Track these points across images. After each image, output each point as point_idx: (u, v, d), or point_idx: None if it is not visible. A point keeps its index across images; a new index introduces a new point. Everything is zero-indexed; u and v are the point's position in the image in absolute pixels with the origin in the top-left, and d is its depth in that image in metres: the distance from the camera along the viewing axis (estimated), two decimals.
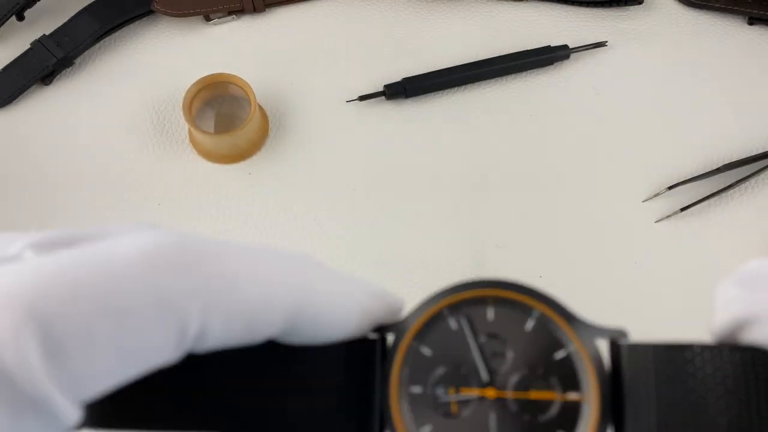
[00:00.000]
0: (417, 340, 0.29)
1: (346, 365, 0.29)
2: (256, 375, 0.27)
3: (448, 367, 0.29)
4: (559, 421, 0.28)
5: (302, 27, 0.57)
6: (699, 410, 0.27)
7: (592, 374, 0.28)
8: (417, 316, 0.29)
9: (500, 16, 0.57)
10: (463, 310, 0.29)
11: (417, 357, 0.29)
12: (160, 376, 0.23)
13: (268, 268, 0.20)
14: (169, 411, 0.27)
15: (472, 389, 0.28)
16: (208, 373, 0.26)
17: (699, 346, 0.27)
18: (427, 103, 0.54)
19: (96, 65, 0.56)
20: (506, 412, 0.28)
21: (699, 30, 0.56)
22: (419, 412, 0.29)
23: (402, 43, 0.56)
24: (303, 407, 0.28)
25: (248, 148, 0.53)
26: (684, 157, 0.52)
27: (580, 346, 0.28)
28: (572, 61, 0.55)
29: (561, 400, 0.28)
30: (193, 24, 0.57)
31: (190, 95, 0.51)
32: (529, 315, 0.29)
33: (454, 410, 0.28)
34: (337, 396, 0.29)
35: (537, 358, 0.28)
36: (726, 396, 0.26)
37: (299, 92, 0.55)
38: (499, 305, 0.29)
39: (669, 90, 0.54)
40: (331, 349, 0.28)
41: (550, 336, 0.28)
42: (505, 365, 0.28)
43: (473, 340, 0.29)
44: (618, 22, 0.56)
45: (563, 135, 0.53)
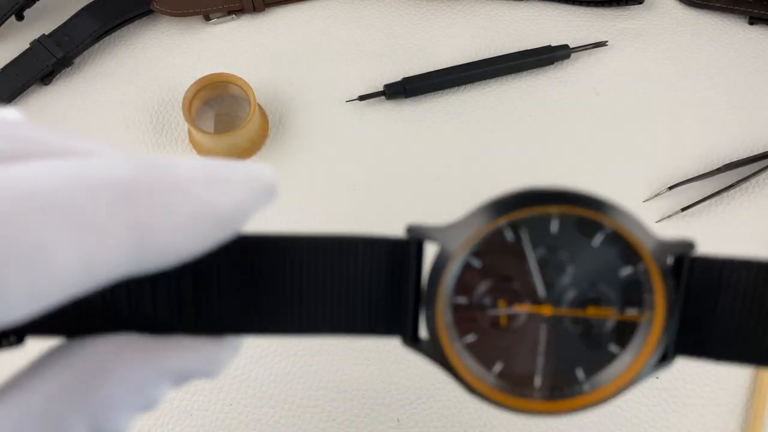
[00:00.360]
0: (467, 251, 0.27)
1: (382, 267, 0.27)
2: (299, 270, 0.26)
3: (499, 279, 0.27)
4: (616, 335, 0.27)
5: (302, 26, 0.56)
6: (743, 318, 0.25)
7: (659, 291, 0.26)
8: (470, 230, 0.26)
9: (500, 15, 0.57)
10: (523, 221, 0.26)
11: (466, 267, 0.27)
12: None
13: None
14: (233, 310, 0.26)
15: (525, 305, 0.27)
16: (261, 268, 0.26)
17: (762, 265, 0.25)
18: (427, 103, 0.54)
19: (95, 65, 0.55)
20: (559, 326, 0.27)
21: (699, 30, 0.56)
22: (464, 322, 0.27)
23: (402, 43, 0.56)
24: (339, 302, 0.27)
25: (248, 148, 0.52)
26: (684, 157, 0.52)
27: (651, 263, 0.26)
28: (572, 61, 0.55)
29: (618, 318, 0.27)
30: (192, 24, 0.56)
31: (190, 95, 0.51)
32: (598, 230, 0.26)
33: (503, 322, 0.27)
34: (372, 296, 0.27)
35: (600, 275, 0.26)
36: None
37: (299, 92, 0.54)
38: (566, 218, 0.26)
39: (669, 90, 0.54)
40: (373, 248, 0.26)
41: (618, 252, 0.26)
42: (563, 280, 0.27)
43: (531, 253, 0.26)
44: (618, 21, 0.56)
45: (563, 135, 0.53)
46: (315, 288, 0.27)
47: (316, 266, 0.27)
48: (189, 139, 0.53)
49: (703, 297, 0.26)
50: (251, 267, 0.26)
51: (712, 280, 0.26)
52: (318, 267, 0.27)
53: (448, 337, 0.27)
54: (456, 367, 0.27)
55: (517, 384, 0.27)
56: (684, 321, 0.27)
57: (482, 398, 0.27)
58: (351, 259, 0.27)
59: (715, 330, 0.26)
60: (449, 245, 0.26)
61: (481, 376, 0.27)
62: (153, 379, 0.23)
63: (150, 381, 0.23)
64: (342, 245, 0.27)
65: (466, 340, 0.27)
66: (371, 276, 0.27)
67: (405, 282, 0.27)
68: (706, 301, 0.26)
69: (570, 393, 0.27)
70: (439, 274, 0.26)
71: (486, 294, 0.27)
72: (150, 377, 0.23)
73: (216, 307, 0.27)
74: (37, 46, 0.54)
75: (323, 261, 0.27)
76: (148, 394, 0.23)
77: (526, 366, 0.27)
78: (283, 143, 0.53)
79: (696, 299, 0.27)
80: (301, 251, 0.27)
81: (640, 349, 0.26)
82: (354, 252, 0.27)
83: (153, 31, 0.56)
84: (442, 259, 0.26)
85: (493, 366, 0.27)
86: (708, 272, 0.26)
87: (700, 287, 0.26)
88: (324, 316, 0.27)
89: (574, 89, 0.54)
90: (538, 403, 0.27)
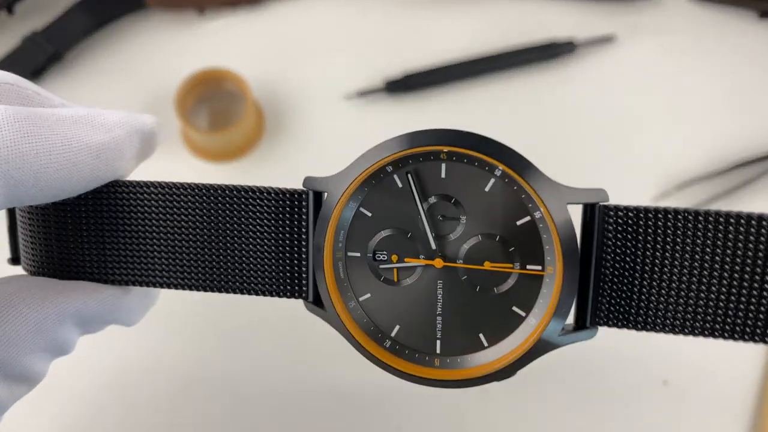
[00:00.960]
0: (355, 199, 0.26)
1: (276, 218, 0.26)
2: (197, 217, 0.26)
3: (392, 231, 0.26)
4: (515, 293, 0.25)
5: (300, 20, 0.55)
6: (680, 279, 0.24)
7: (558, 243, 0.24)
8: (355, 173, 0.25)
9: (504, 9, 0.55)
10: (411, 165, 0.25)
11: (356, 218, 0.26)
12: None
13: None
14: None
15: (417, 259, 0.25)
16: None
17: (689, 212, 0.24)
18: (428, 98, 0.53)
19: (87, 60, 0.54)
20: (456, 282, 0.25)
21: (709, 24, 0.55)
22: (357, 279, 0.26)
23: (401, 38, 0.55)
24: (239, 248, 0.26)
25: (243, 145, 0.51)
26: (693, 156, 0.51)
27: (546, 211, 0.24)
28: (578, 56, 0.54)
29: (519, 273, 0.25)
30: (186, 18, 0.55)
31: (183, 91, 0.50)
32: (489, 173, 0.25)
33: (395, 278, 0.26)
34: (270, 247, 0.26)
35: (495, 224, 0.25)
36: (711, 264, 0.23)
37: (297, 88, 0.53)
38: (455, 160, 0.25)
39: (677, 86, 0.53)
40: (264, 199, 0.26)
41: (513, 199, 0.25)
42: (458, 230, 0.25)
43: (420, 202, 0.25)
44: (624, 16, 0.55)
45: (568, 132, 0.52)
46: (201, 238, 0.26)
47: (202, 215, 0.26)
48: (182, 137, 0.52)
49: (624, 253, 0.24)
50: (131, 213, 0.27)
51: (633, 233, 0.24)
52: (204, 216, 0.26)
53: (341, 296, 0.26)
54: (350, 329, 0.26)
55: (415, 349, 0.26)
56: (603, 282, 0.25)
57: (378, 364, 0.26)
58: (242, 210, 0.26)
59: (643, 293, 0.24)
60: (335, 192, 0.25)
61: (378, 339, 0.26)
62: (52, 319, 0.25)
63: (48, 321, 0.25)
64: (232, 194, 0.26)
65: (361, 299, 0.26)
66: (264, 229, 0.26)
67: (302, 235, 0.26)
68: (628, 258, 0.24)
69: (472, 361, 0.25)
70: (326, 224, 0.25)
71: (380, 247, 0.26)
72: (48, 317, 0.25)
73: (84, 252, 0.27)
74: (28, 41, 0.53)
75: (208, 210, 0.26)
76: (49, 335, 0.25)
77: (425, 329, 0.26)
78: (281, 141, 0.52)
79: (615, 255, 0.24)
80: (184, 198, 0.26)
81: (545, 310, 0.24)
82: (245, 202, 0.26)
83: (146, 25, 0.55)
84: (328, 207, 0.25)
85: (391, 329, 0.26)
86: (626, 223, 0.24)
87: (617, 241, 0.24)
88: (211, 269, 0.26)
89: (579, 85, 0.53)
90: (438, 370, 0.25)
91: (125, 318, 0.28)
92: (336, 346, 0.47)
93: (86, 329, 0.27)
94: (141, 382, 0.46)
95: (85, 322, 0.26)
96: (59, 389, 0.46)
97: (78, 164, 0.24)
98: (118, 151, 0.26)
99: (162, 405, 0.46)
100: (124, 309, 0.28)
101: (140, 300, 0.29)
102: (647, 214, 0.24)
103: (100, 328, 0.28)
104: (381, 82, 0.53)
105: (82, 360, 0.46)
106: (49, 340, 0.25)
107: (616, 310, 0.25)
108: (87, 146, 0.24)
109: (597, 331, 0.25)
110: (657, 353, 0.46)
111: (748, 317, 0.23)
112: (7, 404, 0.25)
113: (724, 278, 0.23)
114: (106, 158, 0.25)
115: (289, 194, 0.26)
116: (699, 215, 0.23)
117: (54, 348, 0.26)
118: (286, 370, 0.46)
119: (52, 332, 0.25)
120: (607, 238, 0.24)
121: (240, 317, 0.48)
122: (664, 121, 0.52)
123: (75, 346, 0.27)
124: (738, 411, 0.45)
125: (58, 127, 0.24)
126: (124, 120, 0.26)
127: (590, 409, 0.45)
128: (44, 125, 0.24)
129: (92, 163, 0.25)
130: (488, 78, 0.53)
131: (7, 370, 0.24)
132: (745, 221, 0.23)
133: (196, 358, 0.47)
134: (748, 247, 0.23)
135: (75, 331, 0.26)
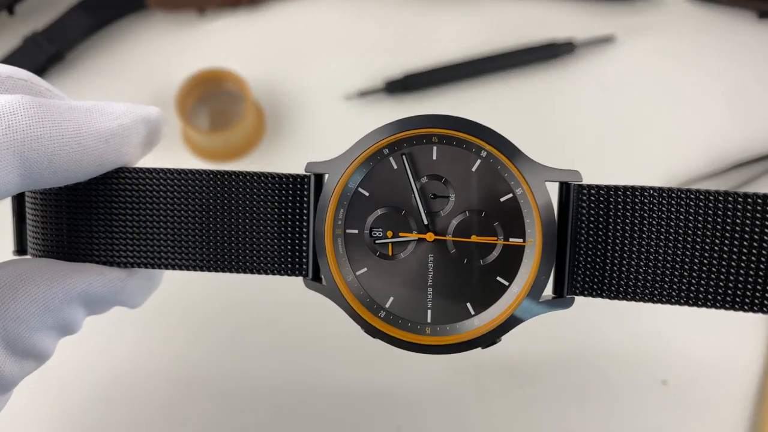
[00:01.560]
0: (354, 180, 0.28)
1: (279, 200, 0.28)
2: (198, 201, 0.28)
3: (388, 209, 0.28)
4: (499, 264, 0.28)
5: (300, 20, 0.55)
6: (649, 252, 0.26)
7: (537, 217, 0.27)
8: (353, 156, 0.28)
9: (504, 9, 0.55)
10: (405, 148, 0.28)
11: (354, 198, 0.28)
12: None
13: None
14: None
15: (410, 233, 0.28)
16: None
17: (654, 189, 0.26)
18: (428, 99, 0.53)
19: (87, 61, 0.54)
20: (446, 255, 0.28)
21: (709, 24, 0.55)
22: (355, 254, 0.28)
23: (401, 38, 0.55)
24: (242, 230, 0.28)
25: (244, 146, 0.51)
26: (693, 156, 0.51)
27: (527, 188, 0.27)
28: (577, 57, 0.54)
29: (503, 244, 0.28)
30: (186, 18, 0.55)
31: (184, 92, 0.50)
32: (476, 155, 0.28)
33: (390, 252, 0.28)
34: (273, 228, 0.28)
35: (481, 201, 0.28)
36: (675, 236, 0.26)
37: (297, 88, 0.53)
38: (445, 143, 0.28)
39: (677, 86, 0.53)
40: (269, 183, 0.28)
41: (496, 177, 0.28)
42: (447, 207, 0.28)
43: (414, 181, 0.28)
44: (624, 17, 0.55)
45: (568, 132, 0.52)
46: (205, 221, 0.28)
47: (207, 199, 0.28)
48: (183, 137, 0.52)
49: (597, 228, 0.27)
50: (138, 198, 0.28)
51: (604, 209, 0.27)
52: (209, 200, 0.28)
53: (340, 271, 0.28)
54: (349, 301, 0.28)
55: (407, 319, 0.28)
56: (578, 254, 0.27)
57: (374, 332, 0.27)
58: (246, 194, 0.28)
59: (615, 264, 0.27)
60: (336, 173, 0.28)
61: (374, 310, 0.28)
62: (59, 298, 0.26)
63: (56, 300, 0.26)
64: (238, 179, 0.28)
65: (358, 273, 0.28)
66: (267, 211, 0.28)
67: (303, 216, 0.28)
68: (601, 232, 0.27)
69: (461, 328, 0.28)
70: (327, 203, 0.28)
71: (376, 224, 0.28)
72: (56, 296, 0.26)
73: (99, 235, 0.29)
74: (29, 41, 0.53)
75: (213, 194, 0.28)
76: (56, 313, 0.26)
77: (417, 300, 0.28)
78: (281, 141, 0.52)
79: (589, 230, 0.27)
80: (190, 183, 0.28)
81: (525, 279, 0.27)
82: (249, 186, 0.28)
83: (146, 26, 0.55)
84: (329, 188, 0.28)
85: (386, 301, 0.28)
86: (598, 200, 0.27)
87: (590, 216, 0.27)
88: (215, 250, 0.28)
89: (579, 86, 0.53)
90: (429, 337, 0.28)
91: (129, 300, 0.30)
92: (336, 347, 0.47)
93: (92, 310, 0.28)
94: (140, 383, 0.46)
95: (91, 302, 0.28)
96: (60, 389, 0.46)
97: (88, 148, 0.26)
98: (125, 137, 0.27)
99: (161, 405, 0.46)
100: (128, 291, 0.29)
101: (144, 282, 0.30)
102: (617, 191, 0.27)
103: (105, 309, 0.29)
104: (381, 83, 0.53)
105: (83, 360, 0.46)
106: (57, 318, 0.27)
107: (590, 280, 0.27)
108: (97, 132, 0.26)
109: (574, 301, 0.27)
110: (657, 353, 0.46)
111: (709, 285, 0.26)
112: (17, 379, 0.26)
113: (687, 249, 0.26)
114: (114, 144, 0.27)
115: (292, 178, 0.28)
116: (663, 192, 0.26)
117: (61, 327, 0.27)
118: (285, 371, 0.46)
119: (60, 311, 0.26)
120: (581, 214, 0.27)
121: (240, 318, 0.48)
122: (664, 121, 0.52)
123: (81, 325, 0.28)
124: (738, 411, 0.45)
125: (69, 114, 0.26)
126: (131, 109, 0.28)
127: (590, 408, 0.45)
128: (57, 112, 0.26)
129: (101, 148, 0.27)
130: (488, 78, 0.53)
131: (17, 346, 0.25)
132: (704, 197, 0.25)
133: (196, 358, 0.47)
134: (708, 221, 0.25)
135: (81, 311, 0.28)
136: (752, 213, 0.25)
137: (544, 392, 0.45)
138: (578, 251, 0.27)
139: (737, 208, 0.25)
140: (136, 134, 0.28)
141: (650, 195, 0.26)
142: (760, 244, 0.25)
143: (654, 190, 0.26)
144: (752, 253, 0.25)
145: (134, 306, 0.30)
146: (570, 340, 0.46)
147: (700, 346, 0.46)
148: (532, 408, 0.45)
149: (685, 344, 0.46)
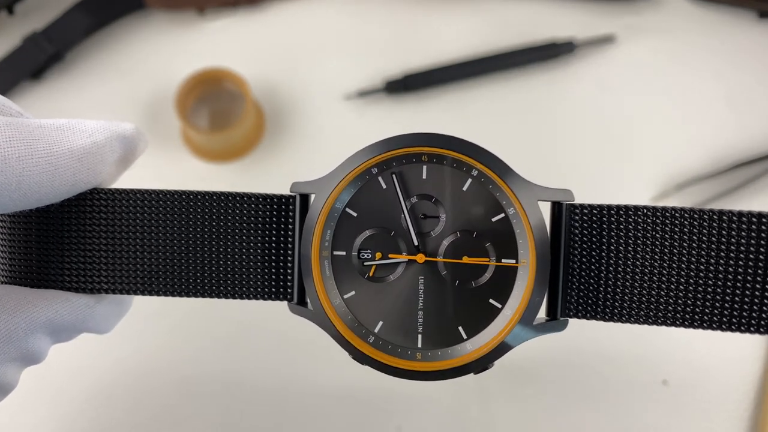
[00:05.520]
0: (341, 200, 0.27)
1: (262, 223, 0.27)
2: (184, 225, 0.27)
3: (376, 230, 0.27)
4: (491, 286, 0.27)
5: (300, 20, 0.55)
6: (644, 273, 0.25)
7: (531, 237, 0.26)
8: (341, 175, 0.27)
9: (504, 9, 0.55)
10: (394, 167, 0.27)
11: (342, 218, 0.27)
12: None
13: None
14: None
15: (399, 255, 0.27)
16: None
17: (648, 208, 0.26)
18: (428, 98, 0.53)
19: (87, 61, 0.54)
20: (437, 277, 0.27)
21: (709, 24, 0.55)
22: (342, 277, 0.27)
23: (401, 38, 0.55)
24: (224, 254, 0.27)
25: (243, 146, 0.51)
26: (693, 156, 0.51)
27: (520, 208, 0.26)
28: (577, 57, 0.54)
29: (495, 265, 0.27)
30: (186, 18, 0.55)
31: (183, 91, 0.50)
32: (467, 174, 0.27)
33: (378, 274, 0.27)
34: (255, 251, 0.27)
35: (473, 221, 0.27)
36: (670, 257, 0.25)
37: (297, 88, 0.53)
38: (435, 162, 0.27)
39: (678, 86, 0.53)
40: (252, 204, 0.27)
41: (488, 197, 0.27)
42: (438, 228, 0.27)
43: (404, 201, 0.27)
44: (624, 17, 0.55)
45: (567, 132, 0.52)
46: (184, 245, 0.27)
47: (185, 222, 0.27)
48: (182, 137, 0.52)
49: (590, 248, 0.26)
50: (113, 221, 0.27)
51: (597, 229, 0.26)
52: (187, 223, 0.27)
53: (327, 294, 0.27)
54: (336, 326, 0.27)
55: (397, 344, 0.27)
56: (571, 275, 0.26)
57: (363, 358, 0.27)
58: (227, 216, 0.27)
59: (609, 285, 0.26)
60: (322, 193, 0.27)
61: (362, 335, 0.27)
62: (22, 328, 0.25)
63: (19, 330, 0.25)
64: (219, 201, 0.27)
65: (345, 296, 0.27)
66: (249, 234, 0.27)
67: (288, 238, 0.27)
68: (594, 252, 0.26)
69: (452, 353, 0.27)
70: (313, 224, 0.26)
71: (364, 246, 0.27)
72: (18, 326, 0.25)
73: (67, 260, 0.27)
74: (28, 41, 0.53)
75: (193, 217, 0.27)
76: (20, 344, 0.25)
77: (407, 324, 0.27)
78: (280, 141, 0.52)
79: (582, 251, 0.26)
80: (167, 205, 0.27)
81: (519, 301, 0.26)
82: (230, 208, 0.27)
83: (146, 26, 0.55)
84: (315, 209, 0.27)
85: (375, 325, 0.27)
86: (591, 220, 0.26)
87: (583, 236, 0.26)
88: (194, 275, 0.27)
89: (579, 85, 0.53)
90: (419, 363, 0.27)
91: (98, 326, 0.28)
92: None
93: (58, 338, 0.27)
94: (139, 383, 0.46)
95: (56, 331, 0.26)
96: (59, 390, 0.46)
97: (60, 168, 0.25)
98: (99, 155, 0.26)
99: (161, 405, 0.46)
100: (96, 317, 0.27)
101: (113, 308, 0.28)
102: (609, 211, 0.26)
103: (71, 336, 0.27)
104: (381, 83, 0.53)
105: (81, 361, 0.46)
106: (20, 349, 0.25)
107: (584, 302, 0.26)
108: (69, 150, 0.25)
109: (567, 323, 0.27)
110: (657, 353, 0.46)
111: (705, 307, 0.25)
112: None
113: (682, 270, 0.25)
114: (88, 162, 0.25)
115: (276, 199, 0.27)
116: (657, 211, 0.25)
117: (25, 357, 0.26)
118: (285, 371, 0.46)
119: (23, 342, 0.25)
120: (574, 234, 0.26)
121: (239, 318, 0.48)
122: (664, 121, 0.52)
123: (47, 354, 0.27)
124: (738, 411, 0.45)
125: (39, 132, 0.24)
126: (105, 126, 0.26)
127: (590, 408, 0.45)
128: (26, 131, 0.24)
129: (74, 167, 0.25)
130: (488, 78, 0.53)
131: None
132: (698, 216, 0.25)
133: (195, 359, 0.47)
134: (702, 240, 0.25)
135: (46, 340, 0.26)
136: (747, 233, 0.24)
137: (544, 392, 0.45)
138: (572, 272, 0.26)
139: (732, 227, 0.25)
140: (111, 152, 0.26)
141: (643, 214, 0.25)
142: (756, 264, 0.24)
143: (648, 209, 0.26)
144: (748, 273, 0.24)
145: (103, 332, 0.28)
146: (570, 341, 0.46)
147: (701, 346, 0.46)
148: (532, 408, 0.45)
149: (686, 344, 0.46)
